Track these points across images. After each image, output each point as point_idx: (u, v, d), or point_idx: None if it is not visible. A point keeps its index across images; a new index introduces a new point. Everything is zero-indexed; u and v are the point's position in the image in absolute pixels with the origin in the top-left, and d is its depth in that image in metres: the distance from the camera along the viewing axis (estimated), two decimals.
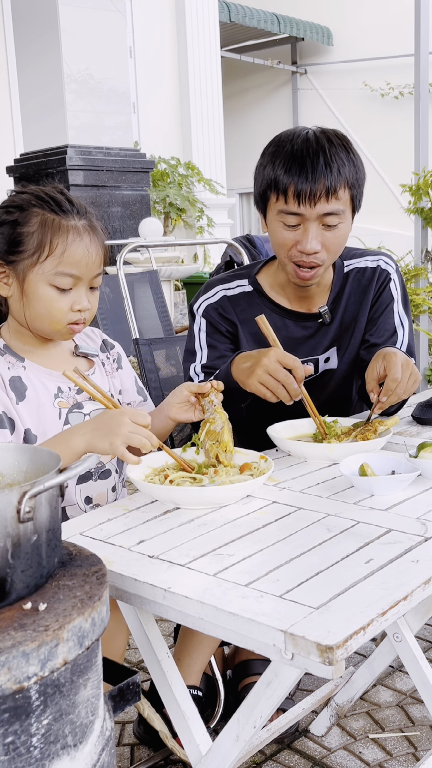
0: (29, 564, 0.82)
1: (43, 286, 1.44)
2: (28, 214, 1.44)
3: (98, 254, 1.48)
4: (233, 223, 8.64)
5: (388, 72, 10.37)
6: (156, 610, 1.05)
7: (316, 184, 1.61)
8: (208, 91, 8.54)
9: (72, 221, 1.45)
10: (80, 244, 1.44)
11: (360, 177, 1.69)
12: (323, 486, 1.39)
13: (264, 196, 1.71)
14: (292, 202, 1.63)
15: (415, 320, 5.54)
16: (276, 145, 1.69)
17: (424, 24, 5.36)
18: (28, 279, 1.44)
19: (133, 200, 6.03)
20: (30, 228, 1.43)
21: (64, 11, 5.57)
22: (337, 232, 1.68)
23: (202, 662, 1.75)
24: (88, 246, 1.45)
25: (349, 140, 1.70)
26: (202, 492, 1.29)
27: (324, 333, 1.85)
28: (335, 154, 1.63)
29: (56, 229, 1.43)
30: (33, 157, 5.81)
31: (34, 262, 1.42)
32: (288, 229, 1.68)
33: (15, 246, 1.43)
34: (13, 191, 1.54)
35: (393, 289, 1.88)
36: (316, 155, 1.62)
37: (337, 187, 1.63)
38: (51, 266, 1.42)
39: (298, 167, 1.62)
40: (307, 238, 1.66)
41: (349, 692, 1.86)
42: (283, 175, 1.63)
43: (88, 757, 0.82)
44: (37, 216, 1.44)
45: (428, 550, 1.08)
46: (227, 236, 7.68)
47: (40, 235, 1.42)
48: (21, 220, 1.44)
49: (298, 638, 0.87)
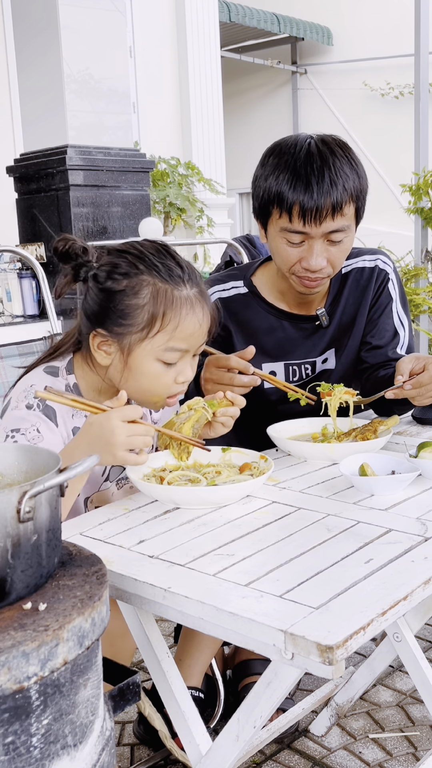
0: (29, 564, 0.82)
1: (150, 361, 1.35)
2: (137, 284, 1.34)
3: (208, 324, 1.40)
4: (233, 222, 8.64)
5: (388, 72, 10.35)
6: (156, 610, 1.05)
7: (322, 203, 1.56)
8: (208, 91, 8.53)
9: (184, 291, 1.35)
10: (193, 317, 1.35)
11: (364, 187, 1.65)
12: (323, 486, 1.39)
13: (265, 210, 1.66)
14: (297, 221, 1.59)
15: (415, 320, 5.54)
16: (277, 155, 1.63)
17: (424, 24, 5.36)
18: (135, 353, 1.35)
19: (133, 200, 6.03)
20: (140, 300, 1.33)
21: (64, 11, 5.56)
22: (342, 246, 1.65)
23: (203, 663, 1.75)
24: (201, 318, 1.37)
25: (350, 147, 1.66)
26: (202, 492, 1.29)
27: (321, 334, 1.85)
28: (340, 169, 1.58)
29: (169, 302, 1.33)
30: (33, 157, 5.81)
31: (143, 337, 1.34)
32: (292, 246, 1.64)
33: (123, 318, 1.34)
34: (104, 249, 1.41)
35: (392, 289, 1.87)
36: (321, 172, 1.57)
37: (343, 204, 1.59)
38: (161, 341, 1.34)
39: (303, 186, 1.57)
40: (313, 256, 1.62)
41: (349, 692, 1.86)
42: (287, 192, 1.58)
43: (88, 757, 0.82)
44: (147, 286, 1.34)
45: (428, 550, 1.08)
46: (227, 236, 7.68)
47: (151, 308, 1.33)
48: (129, 291, 1.34)
49: (298, 638, 0.87)
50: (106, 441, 1.22)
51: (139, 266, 1.36)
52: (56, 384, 1.45)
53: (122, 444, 1.22)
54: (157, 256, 1.37)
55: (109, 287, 1.36)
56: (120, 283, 1.35)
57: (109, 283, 1.36)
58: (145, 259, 1.36)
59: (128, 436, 1.22)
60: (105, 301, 1.37)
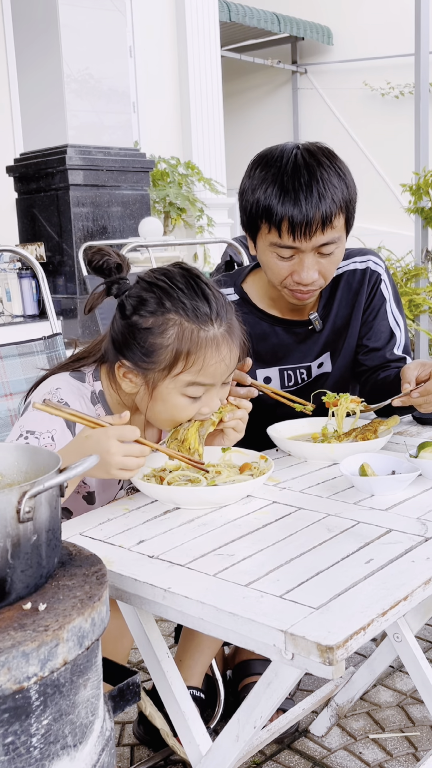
0: (29, 564, 0.82)
1: (175, 395, 1.34)
2: (163, 322, 1.32)
3: (235, 358, 1.37)
4: (233, 222, 8.64)
5: (388, 72, 10.36)
6: (156, 610, 1.05)
7: (311, 218, 1.55)
8: (208, 90, 8.53)
9: (210, 331, 1.33)
10: (218, 357, 1.33)
11: (353, 196, 1.63)
12: (323, 486, 1.38)
13: (253, 224, 1.64)
14: (287, 236, 1.57)
15: (415, 320, 5.54)
16: (264, 167, 1.60)
17: (424, 24, 5.36)
18: (159, 388, 1.35)
19: (132, 200, 6.03)
20: (165, 341, 1.32)
21: (64, 10, 5.57)
22: (333, 257, 1.64)
23: (203, 664, 1.75)
24: (226, 357, 1.34)
25: (337, 156, 1.63)
26: (202, 492, 1.29)
27: (315, 339, 1.84)
28: (327, 181, 1.56)
29: (194, 344, 1.31)
30: (33, 157, 5.81)
31: (166, 375, 1.33)
32: (282, 260, 1.63)
33: (147, 356, 1.33)
34: (125, 280, 1.39)
35: (384, 290, 1.86)
36: (309, 186, 1.54)
37: (332, 216, 1.57)
38: (185, 379, 1.33)
39: (291, 201, 1.54)
40: (304, 270, 1.61)
41: (349, 692, 1.86)
42: (275, 207, 1.56)
43: (88, 757, 0.82)
44: (173, 327, 1.32)
45: (428, 550, 1.08)
46: (227, 236, 7.68)
47: (175, 349, 1.31)
48: (155, 329, 1.32)
49: (298, 638, 0.87)
50: (100, 458, 1.19)
51: (165, 304, 1.33)
52: (81, 389, 1.44)
53: (116, 464, 1.21)
54: (186, 293, 1.34)
55: (135, 322, 1.35)
56: (146, 320, 1.34)
57: (135, 318, 1.35)
58: (173, 296, 1.34)
59: (123, 456, 1.21)
60: (130, 336, 1.35)
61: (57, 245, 5.70)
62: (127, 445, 1.21)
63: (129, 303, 1.37)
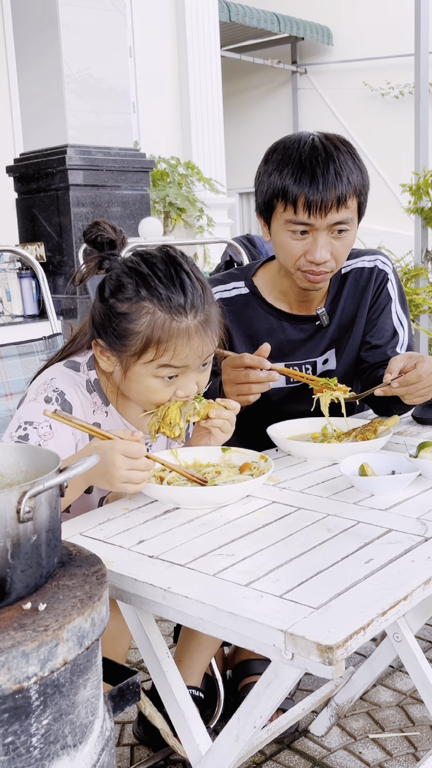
0: (29, 564, 0.82)
1: (147, 377, 1.36)
2: (137, 309, 1.34)
3: (209, 347, 1.38)
4: (233, 222, 8.64)
5: (388, 72, 10.36)
6: (156, 610, 1.05)
7: (327, 195, 1.60)
8: (208, 90, 8.53)
9: (183, 322, 1.34)
10: (188, 346, 1.34)
11: (366, 183, 1.69)
12: (323, 486, 1.39)
13: (270, 205, 1.68)
14: (302, 212, 1.62)
15: (415, 320, 5.54)
16: (282, 152, 1.66)
17: (424, 24, 5.36)
18: (132, 369, 1.37)
19: (132, 200, 6.02)
20: (137, 327, 1.34)
21: (64, 10, 5.56)
22: (345, 240, 1.68)
23: (203, 663, 1.75)
24: (198, 347, 1.35)
25: (352, 145, 1.69)
26: (202, 492, 1.29)
27: (322, 335, 1.85)
28: (344, 162, 1.62)
29: (165, 333, 1.33)
30: (33, 157, 5.81)
31: (137, 359, 1.35)
32: (296, 239, 1.66)
33: (119, 339, 1.36)
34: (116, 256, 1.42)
35: (390, 290, 1.88)
36: (326, 164, 1.60)
37: (347, 196, 1.62)
38: (155, 364, 1.35)
39: (308, 178, 1.60)
40: (317, 248, 1.65)
41: (349, 692, 1.86)
42: (292, 185, 1.61)
43: (88, 757, 0.82)
44: (146, 315, 1.33)
45: (428, 549, 1.08)
46: (227, 236, 7.68)
47: (146, 336, 1.33)
48: (130, 315, 1.34)
49: (298, 638, 0.87)
50: (105, 470, 1.22)
51: (141, 292, 1.35)
52: (76, 378, 1.46)
53: (121, 477, 1.22)
54: (164, 282, 1.35)
55: (112, 305, 1.37)
56: (122, 305, 1.36)
57: (112, 301, 1.37)
58: (150, 284, 1.35)
59: (128, 470, 1.22)
60: (106, 318, 1.38)
61: (57, 245, 5.70)
62: (133, 460, 1.22)
63: (108, 285, 1.39)
